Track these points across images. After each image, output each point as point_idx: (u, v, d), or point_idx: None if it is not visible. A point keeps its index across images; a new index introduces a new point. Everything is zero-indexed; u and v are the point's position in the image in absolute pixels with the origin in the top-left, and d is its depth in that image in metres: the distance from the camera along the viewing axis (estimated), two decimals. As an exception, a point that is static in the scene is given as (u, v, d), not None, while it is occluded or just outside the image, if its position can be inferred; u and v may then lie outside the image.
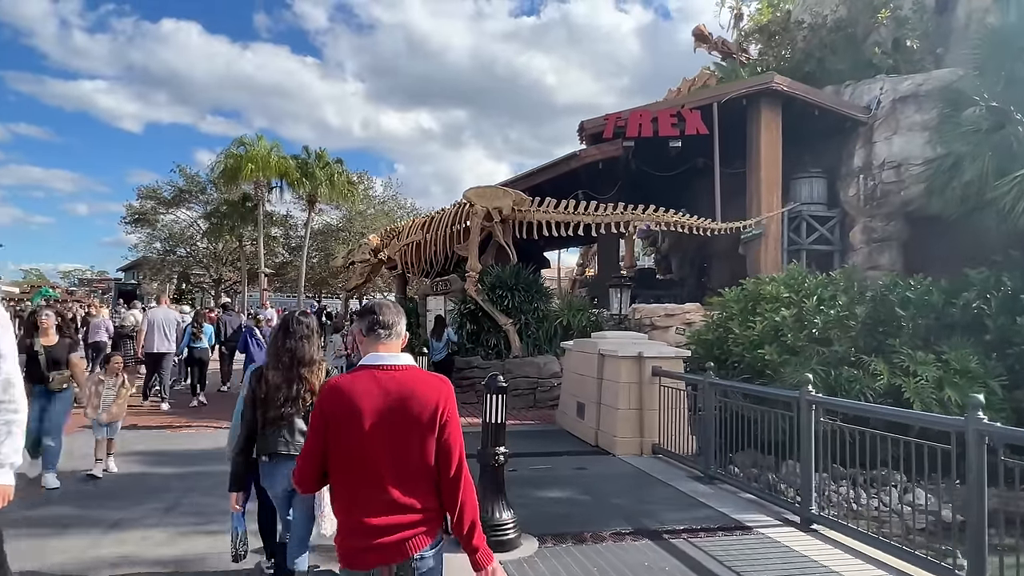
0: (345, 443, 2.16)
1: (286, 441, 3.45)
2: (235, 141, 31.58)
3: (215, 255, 38.39)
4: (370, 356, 2.28)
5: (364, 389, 2.18)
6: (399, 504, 2.14)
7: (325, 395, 2.24)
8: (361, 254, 15.06)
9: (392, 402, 2.17)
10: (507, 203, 13.10)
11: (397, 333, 2.35)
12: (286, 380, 3.48)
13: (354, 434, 2.14)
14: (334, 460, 2.18)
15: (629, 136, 13.41)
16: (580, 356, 9.61)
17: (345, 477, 2.18)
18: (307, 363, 3.53)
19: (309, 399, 3.47)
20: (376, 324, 2.31)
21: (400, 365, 2.26)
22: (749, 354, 9.02)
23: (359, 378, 2.22)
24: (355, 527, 2.14)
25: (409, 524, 2.15)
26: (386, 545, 2.12)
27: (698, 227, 12.64)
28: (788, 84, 13.37)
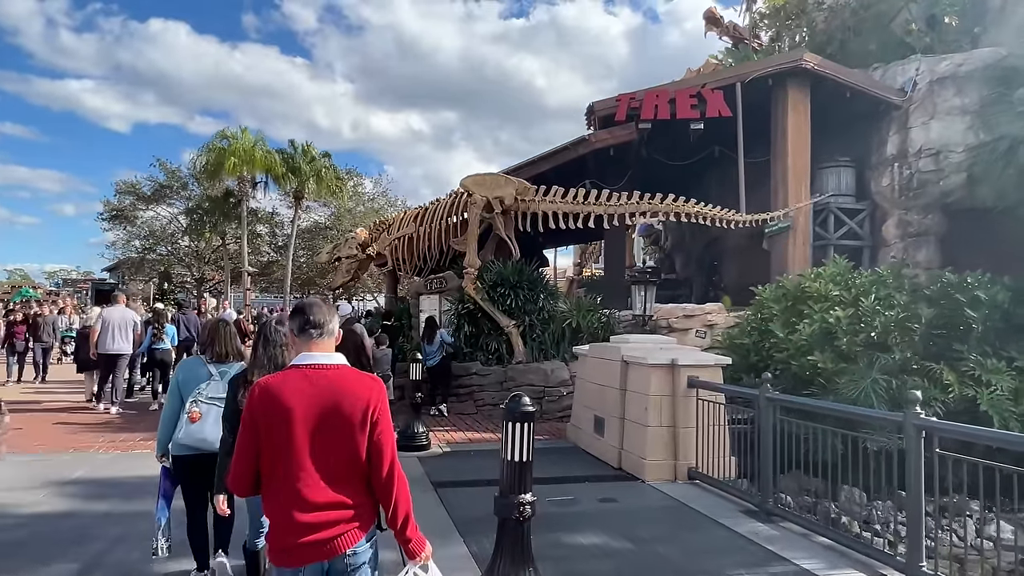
0: (275, 443, 2.18)
1: None
2: (218, 134, 30.10)
3: (197, 254, 36.82)
4: (301, 356, 2.30)
5: (294, 388, 2.20)
6: (330, 502, 2.17)
7: (255, 395, 2.24)
8: (348, 249, 13.74)
9: (322, 401, 2.20)
10: (509, 192, 11.82)
11: (329, 332, 2.35)
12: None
13: (284, 433, 2.17)
14: (265, 459, 2.20)
15: (644, 118, 12.17)
16: (598, 363, 8.35)
17: (276, 476, 2.19)
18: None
19: None
20: (307, 324, 2.31)
21: (331, 364, 2.29)
22: (796, 361, 7.78)
23: (289, 378, 2.25)
24: (286, 525, 2.15)
25: (341, 521, 2.18)
26: (317, 542, 2.14)
27: (721, 219, 11.41)
28: (819, 62, 12.17)
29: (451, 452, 8.38)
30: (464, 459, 8.08)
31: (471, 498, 6.26)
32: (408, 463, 7.75)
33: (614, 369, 7.84)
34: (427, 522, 5.71)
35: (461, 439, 9.26)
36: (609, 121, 12.60)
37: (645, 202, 11.27)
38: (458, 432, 9.76)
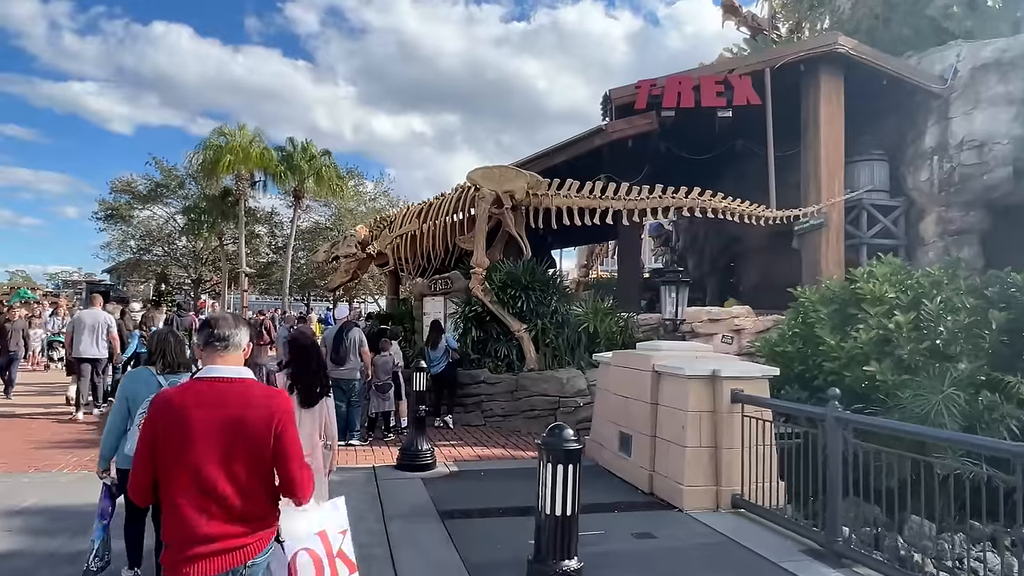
0: (174, 455, 2.16)
1: None
2: (215, 131, 29.35)
3: (195, 254, 35.96)
4: (206, 368, 2.32)
5: (196, 402, 2.20)
6: (228, 515, 2.16)
7: (154, 408, 2.24)
8: (346, 248, 12.87)
9: (225, 414, 2.19)
10: (520, 186, 10.94)
11: (236, 345, 2.36)
12: None
13: (184, 446, 2.15)
14: (163, 472, 2.18)
15: (666, 106, 11.29)
16: (624, 373, 7.46)
17: (174, 489, 2.17)
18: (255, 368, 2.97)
19: None
20: (213, 337, 2.33)
21: (236, 378, 2.29)
22: (850, 372, 6.88)
23: (191, 390, 2.26)
24: (182, 539, 2.13)
25: (238, 534, 2.18)
26: (211, 554, 2.12)
27: (750, 215, 10.53)
28: (854, 46, 11.29)
29: (459, 472, 7.48)
30: (474, 481, 7.19)
31: (486, 534, 5.37)
32: (411, 486, 6.85)
33: (643, 380, 6.95)
34: (434, 568, 4.88)
35: (469, 456, 8.37)
36: (627, 110, 11.73)
37: (668, 196, 10.40)
38: (465, 447, 8.87)
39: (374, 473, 7.34)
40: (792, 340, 7.75)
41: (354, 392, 8.83)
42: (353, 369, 8.79)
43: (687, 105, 11.22)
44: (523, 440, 9.42)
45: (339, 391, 8.81)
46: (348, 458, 8.15)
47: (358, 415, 8.99)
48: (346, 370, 8.76)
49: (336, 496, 2.90)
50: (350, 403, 8.83)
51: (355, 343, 8.81)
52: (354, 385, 8.80)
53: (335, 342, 8.79)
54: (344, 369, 8.74)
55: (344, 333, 8.80)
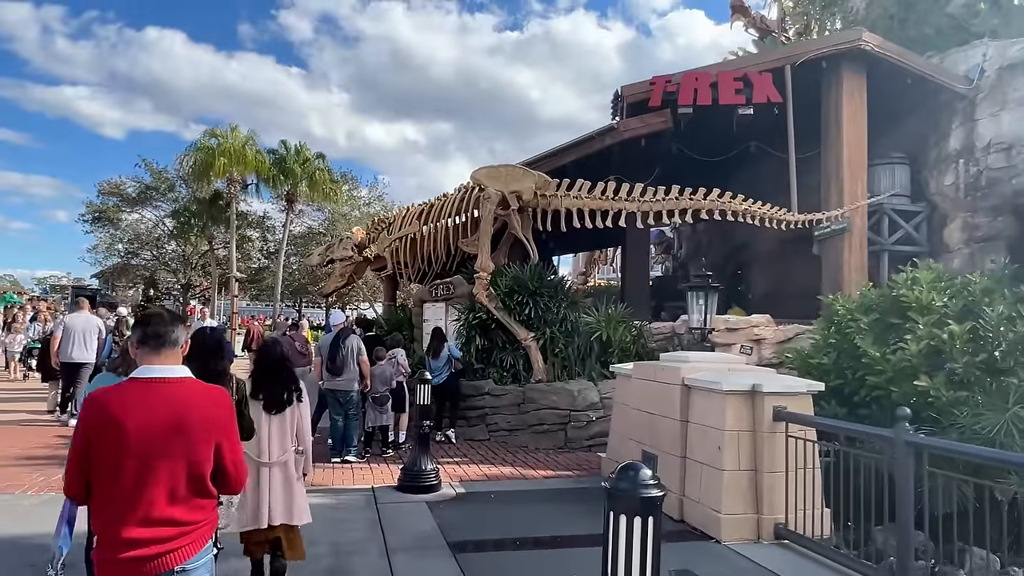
0: (108, 456, 2.11)
1: None
2: (206, 132, 28.61)
3: (184, 259, 35.15)
4: (142, 368, 2.25)
5: (131, 401, 2.15)
6: (163, 517, 2.12)
7: (88, 407, 2.19)
8: (342, 251, 12.21)
9: (162, 415, 2.15)
10: (527, 186, 10.34)
11: (172, 343, 2.30)
12: None
13: (118, 447, 2.09)
14: (96, 473, 2.13)
15: (682, 104, 10.73)
16: (647, 387, 6.83)
17: (107, 490, 2.12)
18: (220, 374, 3.55)
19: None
20: (149, 335, 2.27)
21: (174, 377, 2.24)
22: (897, 387, 6.28)
23: (127, 390, 2.21)
24: (114, 541, 2.09)
25: (173, 537, 2.13)
26: (144, 558, 2.08)
27: (771, 218, 9.96)
28: (879, 43, 10.76)
29: (467, 495, 6.82)
30: (484, 504, 6.54)
31: (502, 571, 4.73)
32: (415, 511, 6.18)
33: (670, 395, 6.34)
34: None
35: (476, 475, 7.71)
36: (639, 108, 11.17)
37: (685, 198, 9.81)
38: (471, 465, 8.21)
39: (373, 495, 6.68)
40: (827, 352, 7.15)
41: (352, 404, 8.17)
42: (351, 380, 8.13)
43: (704, 103, 10.66)
44: (532, 457, 8.77)
45: (335, 403, 8.17)
46: (344, 477, 7.48)
47: (356, 429, 8.33)
48: (343, 380, 8.10)
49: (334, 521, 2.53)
50: (347, 416, 8.18)
51: (353, 351, 8.16)
52: (352, 397, 8.14)
53: (331, 350, 8.14)
54: (341, 380, 8.08)
55: (341, 341, 8.14)
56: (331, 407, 8.22)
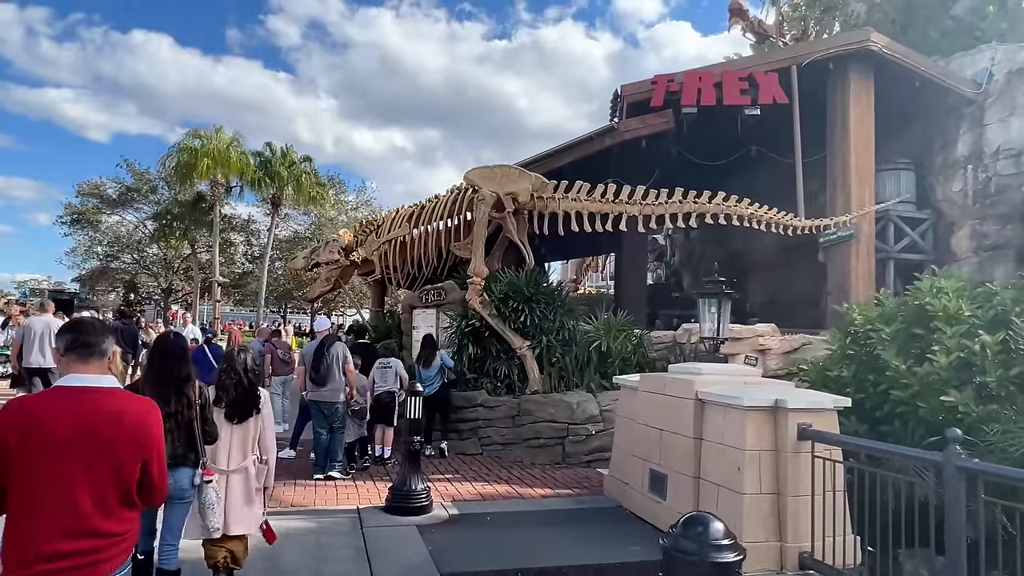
0: (24, 467, 2.03)
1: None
2: (190, 133, 28.01)
3: (165, 262, 34.35)
4: (70, 376, 2.21)
5: (53, 411, 2.10)
6: (82, 530, 2.07)
7: (8, 415, 2.10)
8: (328, 254, 11.67)
9: (84, 426, 2.10)
10: (524, 188, 9.88)
11: (100, 352, 2.26)
12: (163, 397, 3.46)
13: (43, 455, 2.04)
14: (13, 484, 2.04)
15: (686, 104, 10.32)
16: (655, 400, 6.36)
17: (23, 502, 2.04)
18: (183, 379, 3.64)
19: (188, 413, 3.66)
20: (75, 343, 2.22)
21: (102, 387, 2.20)
22: (925, 403, 5.85)
23: (48, 399, 2.17)
24: (28, 554, 2.01)
25: (91, 550, 2.08)
26: (63, 571, 2.02)
27: (779, 224, 9.56)
28: (887, 44, 10.43)
29: (460, 516, 6.30)
30: (480, 528, 6.01)
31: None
32: (405, 536, 5.64)
33: (683, 410, 5.87)
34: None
35: (469, 494, 7.19)
36: (640, 108, 10.75)
37: (690, 202, 9.39)
38: (463, 482, 7.69)
39: (359, 517, 6.14)
40: (845, 363, 6.72)
41: (337, 416, 7.62)
42: (336, 390, 7.58)
43: (708, 103, 10.28)
44: (527, 473, 8.27)
45: (320, 415, 7.62)
46: (327, 496, 6.94)
47: (341, 444, 7.78)
48: (328, 391, 7.55)
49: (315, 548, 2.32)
50: (332, 429, 7.62)
51: (338, 360, 7.62)
52: (337, 408, 7.59)
53: (315, 359, 7.59)
54: (326, 390, 7.53)
55: (325, 348, 7.60)
56: (315, 419, 7.67)
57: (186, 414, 3.67)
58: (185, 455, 3.68)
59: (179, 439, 3.63)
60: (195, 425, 3.71)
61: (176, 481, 3.55)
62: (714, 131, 11.50)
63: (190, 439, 3.68)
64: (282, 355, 10.28)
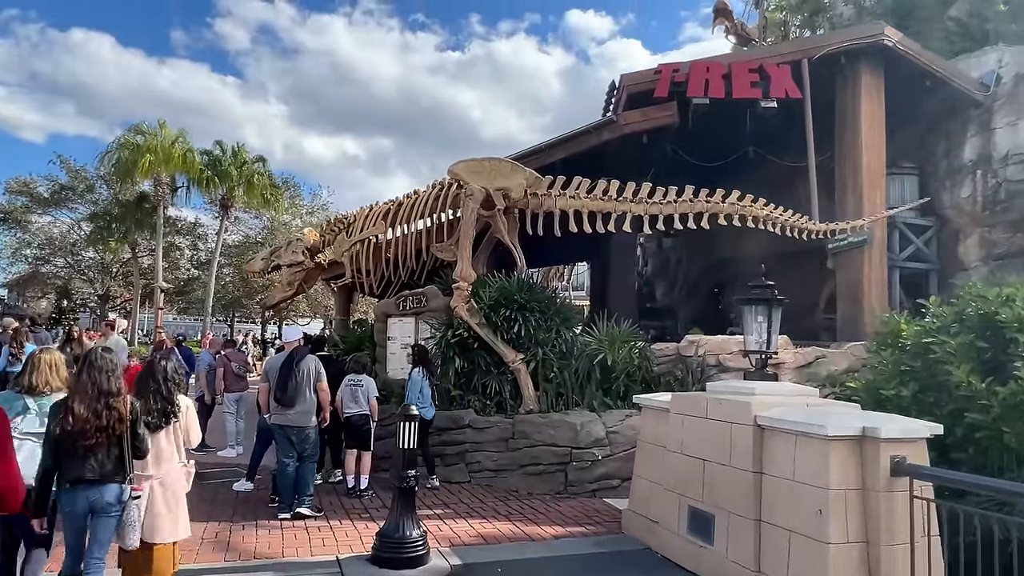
0: None
1: (92, 468, 3.59)
2: (132, 128, 26.07)
3: (103, 267, 32.01)
4: None
5: None
6: None
7: None
8: (291, 255, 10.41)
9: None
10: (517, 183, 8.89)
11: None
12: (93, 412, 3.59)
13: None
14: None
15: (692, 96, 9.51)
16: (695, 425, 5.41)
17: None
18: (114, 394, 3.67)
19: (118, 427, 3.65)
20: None
21: None
22: (1010, 427, 5.05)
23: None
24: None
25: None
26: None
27: (793, 227, 8.81)
28: (900, 39, 9.85)
29: (465, 568, 5.20)
30: None
31: None
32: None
33: (736, 438, 4.92)
34: None
35: (468, 535, 6.09)
36: (642, 100, 9.89)
37: (701, 200, 8.55)
38: (457, 519, 6.57)
39: (340, 572, 4.99)
40: (903, 381, 5.90)
41: (308, 443, 6.42)
42: (306, 412, 6.39)
43: (716, 96, 9.49)
44: (527, 505, 7.20)
45: (286, 442, 6.41)
46: (298, 541, 5.74)
47: (313, 476, 6.58)
48: (296, 413, 6.35)
49: None
50: (301, 459, 6.41)
51: (309, 376, 6.43)
52: (308, 434, 6.40)
53: (282, 375, 6.38)
54: (294, 412, 6.33)
55: (295, 363, 6.39)
56: (279, 447, 6.45)
57: (116, 429, 3.65)
58: (115, 471, 3.66)
59: (108, 455, 3.65)
60: (125, 440, 3.70)
61: (103, 496, 3.63)
62: (717, 128, 10.75)
63: (120, 454, 3.69)
64: (237, 369, 8.99)
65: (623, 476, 7.75)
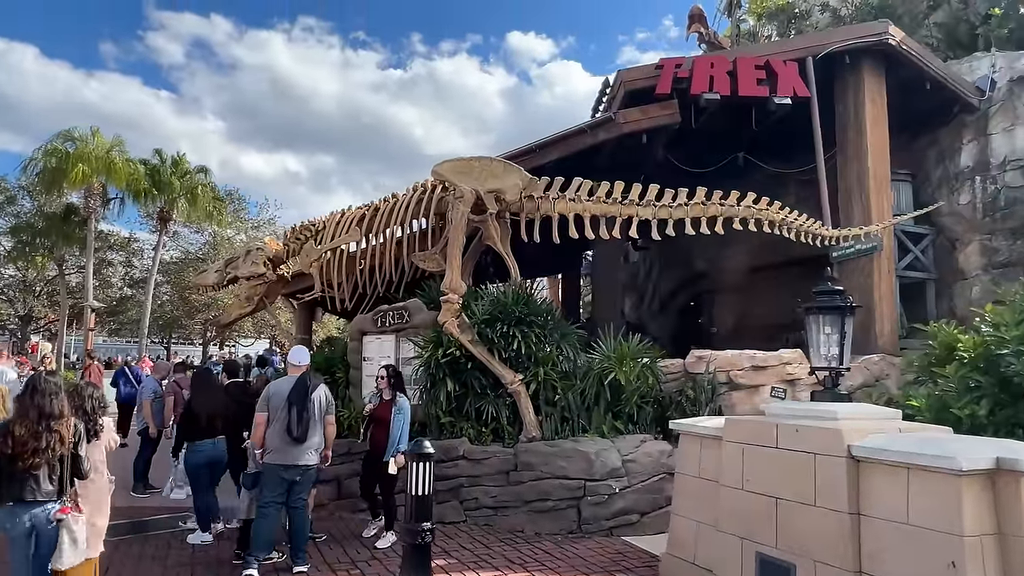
0: None
1: (32, 489, 3.69)
2: (60, 134, 23.98)
3: (25, 285, 29.47)
4: None
5: None
6: None
7: None
8: (250, 266, 9.19)
9: None
10: (511, 184, 8.01)
11: None
12: (33, 434, 3.69)
13: None
14: None
15: (697, 94, 8.86)
16: (761, 456, 4.59)
17: None
18: (56, 416, 3.76)
19: (59, 448, 3.75)
20: None
21: None
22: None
23: None
24: None
25: None
26: None
27: (807, 232, 8.19)
28: (903, 39, 9.46)
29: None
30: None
31: None
32: None
33: (823, 471, 4.14)
34: None
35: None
36: (641, 98, 9.19)
37: (715, 203, 7.84)
38: (465, 571, 5.55)
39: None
40: (974, 399, 5.26)
41: (309, 485, 5.31)
42: (318, 449, 5.32)
43: (722, 93, 8.85)
44: (539, 549, 6.24)
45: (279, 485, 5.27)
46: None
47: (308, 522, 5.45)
48: (309, 451, 5.25)
49: None
50: (296, 503, 5.27)
51: (320, 407, 5.35)
52: (312, 475, 5.30)
53: (295, 405, 5.21)
54: (306, 450, 5.22)
55: (307, 392, 5.27)
56: (266, 490, 5.28)
57: (57, 450, 3.74)
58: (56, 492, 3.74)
59: (51, 476, 3.72)
60: (66, 462, 3.78)
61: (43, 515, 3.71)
62: (711, 131, 10.15)
63: (61, 476, 3.76)
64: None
65: (642, 510, 6.92)
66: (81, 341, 27.59)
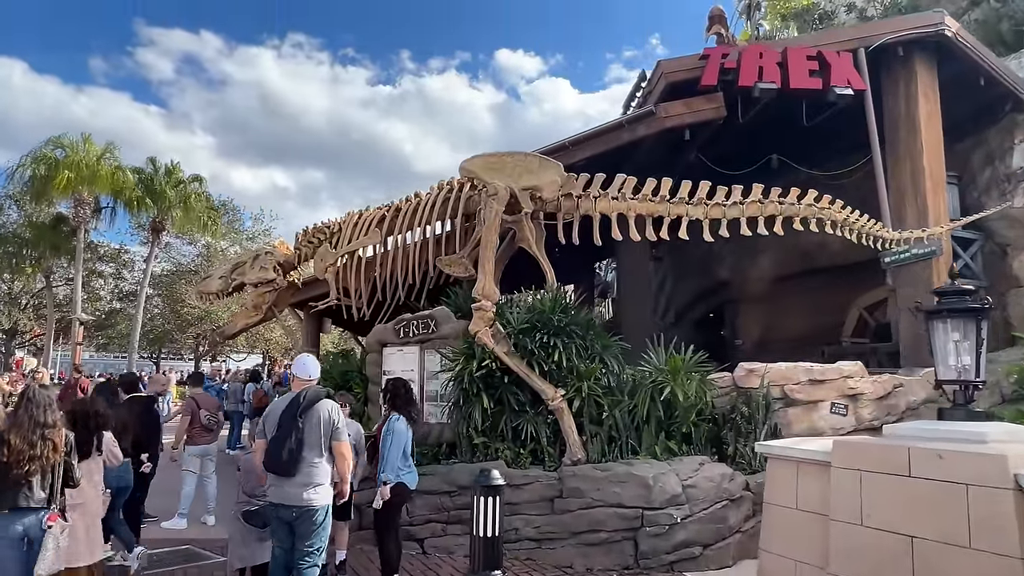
0: None
1: (26, 496, 3.72)
2: (50, 141, 23.14)
3: (10, 297, 28.44)
4: None
5: None
6: None
7: None
8: (258, 271, 8.42)
9: None
10: (549, 180, 7.33)
11: None
12: (28, 443, 3.73)
13: None
14: None
15: (744, 85, 8.23)
16: (891, 486, 3.88)
17: None
18: (49, 426, 3.82)
19: (52, 456, 3.81)
20: None
21: None
22: None
23: None
24: None
25: None
26: None
27: (869, 234, 7.54)
28: (958, 30, 8.90)
29: None
30: None
31: None
32: None
33: (979, 505, 3.44)
34: None
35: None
36: (684, 90, 8.55)
37: (773, 202, 7.17)
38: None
39: None
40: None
41: (315, 532, 4.42)
42: (312, 486, 4.39)
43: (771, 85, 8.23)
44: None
45: (281, 528, 4.47)
46: None
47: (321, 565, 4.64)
48: (295, 487, 4.36)
49: None
50: (302, 554, 4.40)
51: (321, 427, 4.49)
52: (316, 519, 4.39)
53: (278, 429, 4.43)
54: (295, 482, 4.36)
55: (300, 411, 4.45)
56: (274, 532, 4.50)
57: (51, 458, 3.78)
58: (48, 500, 3.77)
59: (43, 484, 3.76)
60: (58, 470, 3.82)
61: (37, 523, 3.73)
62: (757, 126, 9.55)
63: (52, 483, 3.80)
64: (206, 417, 6.93)
65: (705, 542, 6.18)
66: (68, 356, 26.58)
